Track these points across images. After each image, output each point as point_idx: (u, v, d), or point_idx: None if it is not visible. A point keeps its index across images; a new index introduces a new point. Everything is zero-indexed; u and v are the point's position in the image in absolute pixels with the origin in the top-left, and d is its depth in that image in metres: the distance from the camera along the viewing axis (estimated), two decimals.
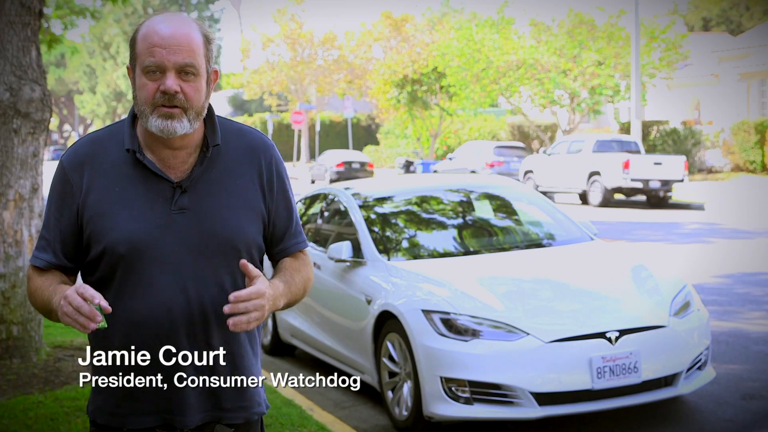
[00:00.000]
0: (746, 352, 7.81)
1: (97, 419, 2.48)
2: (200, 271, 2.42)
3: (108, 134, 2.51)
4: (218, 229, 2.43)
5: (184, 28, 2.40)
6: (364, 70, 57.10)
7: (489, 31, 35.70)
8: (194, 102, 2.40)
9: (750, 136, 31.33)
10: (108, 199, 2.42)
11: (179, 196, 2.43)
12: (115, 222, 2.40)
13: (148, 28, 2.40)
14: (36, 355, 6.86)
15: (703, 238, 16.50)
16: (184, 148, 2.47)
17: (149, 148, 2.46)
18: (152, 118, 2.38)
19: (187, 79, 2.39)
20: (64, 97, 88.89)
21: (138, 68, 2.40)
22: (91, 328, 2.23)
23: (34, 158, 6.81)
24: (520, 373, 5.53)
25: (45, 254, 2.47)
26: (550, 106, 35.37)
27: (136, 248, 2.39)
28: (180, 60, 2.36)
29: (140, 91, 2.39)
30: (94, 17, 15.25)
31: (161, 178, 2.44)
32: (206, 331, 2.44)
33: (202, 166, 2.46)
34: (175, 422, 2.44)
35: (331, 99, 66.07)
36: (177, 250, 2.41)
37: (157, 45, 2.36)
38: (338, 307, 7.01)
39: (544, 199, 7.91)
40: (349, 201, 7.40)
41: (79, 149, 2.49)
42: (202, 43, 2.43)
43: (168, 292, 2.40)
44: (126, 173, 2.44)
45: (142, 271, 2.40)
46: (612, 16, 34.15)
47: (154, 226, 2.40)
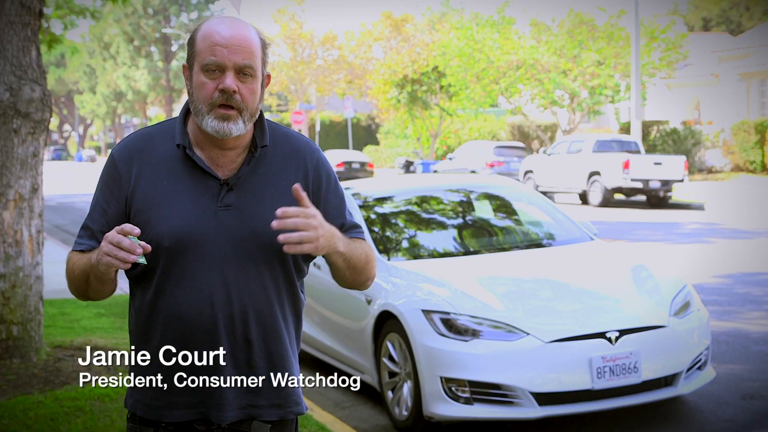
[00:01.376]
0: (746, 352, 7.81)
1: (137, 411, 2.51)
2: (242, 268, 2.45)
3: (159, 130, 2.55)
4: (261, 228, 2.45)
5: (244, 30, 2.45)
6: (364, 70, 57.11)
7: (489, 30, 35.70)
8: (249, 103, 2.44)
9: (750, 136, 31.34)
10: (155, 193, 2.45)
11: (225, 194, 2.46)
12: (161, 215, 2.43)
13: (209, 28, 2.44)
14: (36, 355, 6.85)
15: (703, 238, 16.51)
16: (235, 149, 2.51)
17: (199, 145, 2.50)
18: (208, 118, 2.42)
19: (244, 80, 2.42)
20: (64, 97, 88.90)
21: (196, 66, 2.44)
22: (131, 260, 2.26)
23: (34, 158, 6.81)
24: (520, 373, 5.53)
25: (88, 241, 2.49)
26: (550, 106, 35.37)
27: (180, 242, 2.42)
28: (240, 60, 2.41)
29: (198, 90, 2.43)
30: (94, 17, 15.24)
31: (209, 175, 2.47)
32: (245, 327, 2.47)
33: (250, 165, 2.50)
34: (211, 417, 2.47)
35: (331, 99, 66.09)
36: (220, 246, 2.44)
37: (219, 44, 2.40)
38: (338, 307, 7.01)
39: (544, 199, 7.91)
40: (349, 201, 7.40)
41: (130, 143, 2.54)
42: (260, 47, 2.47)
43: (209, 287, 2.43)
44: (174, 168, 2.48)
45: (184, 264, 2.43)
46: (612, 16, 34.15)
47: (200, 222, 2.43)
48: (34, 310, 6.85)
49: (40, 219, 6.94)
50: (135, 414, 2.52)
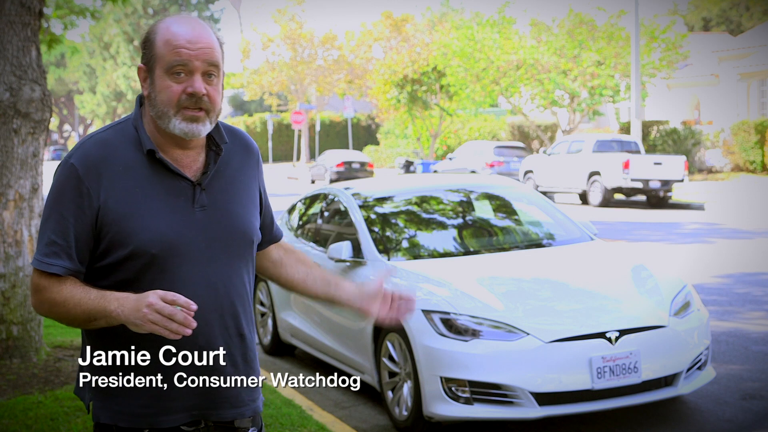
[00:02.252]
0: (746, 352, 7.81)
1: (119, 423, 2.44)
2: (226, 266, 2.48)
3: (115, 135, 2.47)
4: (235, 224, 2.50)
5: (205, 31, 2.44)
6: (364, 70, 57.11)
7: (489, 30, 35.70)
8: (216, 104, 2.45)
9: (750, 136, 31.33)
10: (129, 201, 2.40)
11: (199, 194, 2.47)
12: (143, 223, 2.39)
13: (168, 30, 2.41)
14: (36, 355, 6.86)
15: (703, 238, 16.50)
16: (195, 148, 2.51)
17: (161, 148, 2.48)
18: (176, 120, 2.40)
19: (210, 81, 2.42)
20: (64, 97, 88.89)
21: (159, 69, 2.40)
22: (186, 333, 2.24)
23: (34, 158, 6.81)
24: (520, 373, 5.53)
25: (60, 260, 2.38)
26: (550, 106, 35.37)
27: (168, 247, 2.40)
28: (208, 60, 2.40)
29: (162, 93, 2.40)
30: (94, 17, 15.24)
31: (180, 177, 2.45)
32: (237, 322, 2.50)
33: (216, 164, 2.51)
34: (211, 416, 2.47)
35: (331, 99, 66.09)
36: (202, 247, 2.45)
37: (185, 47, 2.38)
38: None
39: (544, 199, 7.91)
40: (349, 201, 7.40)
41: (90, 151, 2.42)
42: (219, 46, 2.47)
43: (199, 289, 2.43)
44: (144, 174, 2.43)
45: (172, 269, 2.41)
46: (612, 16, 34.15)
47: (181, 225, 2.43)
48: (33, 309, 6.84)
49: (40, 219, 6.94)
50: (114, 426, 2.45)
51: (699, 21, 67.35)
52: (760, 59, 36.56)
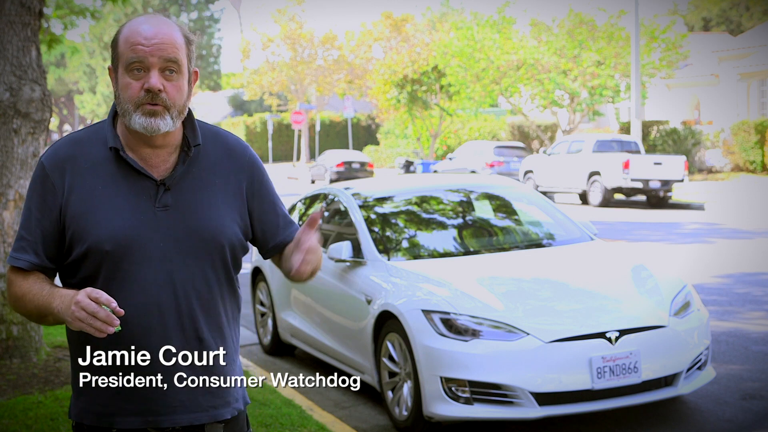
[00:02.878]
0: (746, 352, 7.81)
1: (84, 421, 2.48)
2: (185, 267, 2.45)
3: (88, 134, 2.52)
4: (202, 226, 2.47)
5: (165, 28, 2.43)
6: (364, 70, 57.11)
7: (489, 30, 35.70)
8: (176, 100, 2.43)
9: (750, 136, 31.33)
10: (91, 198, 2.43)
11: (162, 194, 2.45)
12: (100, 220, 2.41)
13: (130, 29, 2.43)
14: (36, 355, 6.86)
15: (703, 238, 16.50)
16: (165, 147, 2.49)
17: (130, 147, 2.48)
18: (135, 115, 2.40)
19: (170, 78, 2.41)
20: (64, 97, 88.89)
21: (121, 68, 2.42)
22: (108, 332, 2.23)
23: (34, 158, 6.81)
24: (520, 373, 5.53)
25: (26, 255, 2.45)
26: (550, 106, 35.37)
27: (122, 245, 2.40)
28: (164, 55, 2.39)
29: (123, 90, 2.41)
30: (94, 17, 15.23)
31: (144, 176, 2.46)
32: (194, 325, 2.46)
33: (185, 165, 2.49)
34: (163, 422, 2.44)
35: (331, 99, 66.07)
36: (162, 247, 2.43)
37: (141, 43, 2.39)
38: (338, 307, 7.01)
39: (544, 199, 7.91)
40: (349, 201, 7.40)
41: (59, 149, 2.49)
42: (184, 43, 2.46)
43: (155, 289, 2.42)
44: (108, 171, 2.45)
45: (128, 268, 2.41)
46: (612, 17, 34.15)
47: (139, 223, 2.42)
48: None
49: None
50: (82, 424, 2.48)
51: (699, 21, 67.36)
52: (760, 59, 36.55)
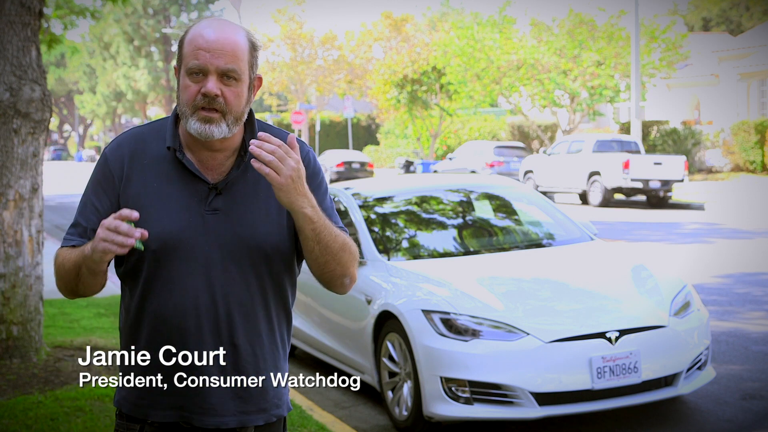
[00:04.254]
0: (746, 352, 7.81)
1: (122, 408, 2.53)
2: (228, 273, 2.45)
3: (151, 130, 2.55)
4: (248, 234, 2.46)
5: (230, 33, 2.43)
6: (364, 70, 57.11)
7: (490, 30, 35.70)
8: (234, 107, 2.42)
9: (750, 136, 31.33)
10: (145, 194, 2.46)
11: (213, 198, 2.46)
12: (150, 218, 2.42)
13: (195, 32, 2.44)
14: (36, 355, 6.86)
15: (703, 238, 16.50)
16: (223, 151, 2.49)
17: (189, 148, 2.50)
18: (191, 120, 2.42)
19: (228, 83, 2.41)
20: (64, 97, 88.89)
21: (182, 70, 2.44)
22: (128, 244, 2.24)
23: (34, 158, 6.81)
24: (520, 373, 5.53)
25: (79, 238, 2.49)
26: (550, 106, 35.37)
27: (168, 245, 2.42)
28: (222, 64, 2.40)
29: (183, 93, 2.43)
30: (94, 17, 15.24)
31: (198, 178, 2.47)
32: (231, 330, 2.47)
33: (239, 169, 2.49)
34: (194, 421, 2.47)
35: (331, 99, 66.08)
36: (207, 250, 2.44)
37: (202, 48, 2.40)
38: (338, 307, 7.01)
39: (544, 199, 7.91)
40: (349, 201, 7.40)
41: (122, 142, 2.55)
42: (248, 50, 2.46)
43: (195, 291, 2.43)
44: (165, 170, 2.48)
45: (171, 268, 2.43)
46: (612, 17, 34.15)
47: (187, 225, 2.44)
48: (34, 310, 6.86)
49: (40, 219, 6.94)
50: (121, 410, 2.54)
51: (699, 21, 67.35)
52: (760, 59, 36.55)
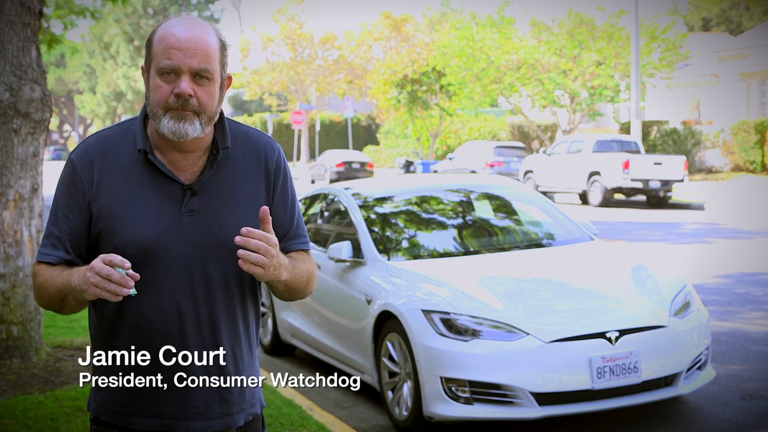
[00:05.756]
0: (746, 352, 7.81)
1: (100, 416, 2.48)
2: (209, 274, 2.42)
3: (119, 133, 2.49)
4: (226, 233, 2.42)
5: (201, 33, 2.39)
6: (364, 70, 57.11)
7: (489, 30, 35.70)
8: (207, 107, 2.39)
9: (750, 136, 31.33)
10: (118, 199, 2.41)
11: (189, 199, 2.42)
12: (126, 223, 2.39)
13: (165, 31, 2.39)
14: (36, 355, 6.86)
15: (703, 238, 16.50)
16: (194, 151, 2.46)
17: (159, 149, 2.45)
18: (164, 119, 2.37)
19: (201, 83, 2.38)
20: (64, 97, 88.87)
21: (153, 69, 2.39)
22: (123, 294, 2.21)
23: (34, 158, 6.81)
24: (520, 373, 5.53)
25: (55, 251, 2.44)
26: (550, 106, 35.37)
27: (146, 250, 2.38)
28: (195, 64, 2.36)
29: (154, 93, 2.38)
30: (94, 17, 15.24)
31: (171, 180, 2.43)
32: (214, 332, 2.44)
33: (212, 169, 2.46)
34: (178, 427, 2.43)
35: (331, 99, 66.08)
36: (186, 253, 2.40)
37: (174, 47, 2.35)
38: (338, 307, 7.01)
39: (544, 199, 7.91)
40: (349, 201, 7.40)
41: (90, 147, 2.47)
42: (218, 49, 2.42)
43: (176, 294, 2.40)
44: (136, 173, 2.43)
45: (150, 272, 2.38)
46: (612, 16, 34.15)
47: (164, 229, 2.40)
48: (34, 310, 6.86)
49: (40, 219, 6.94)
50: (99, 419, 2.48)
51: (699, 21, 67.34)
52: (760, 59, 36.55)
